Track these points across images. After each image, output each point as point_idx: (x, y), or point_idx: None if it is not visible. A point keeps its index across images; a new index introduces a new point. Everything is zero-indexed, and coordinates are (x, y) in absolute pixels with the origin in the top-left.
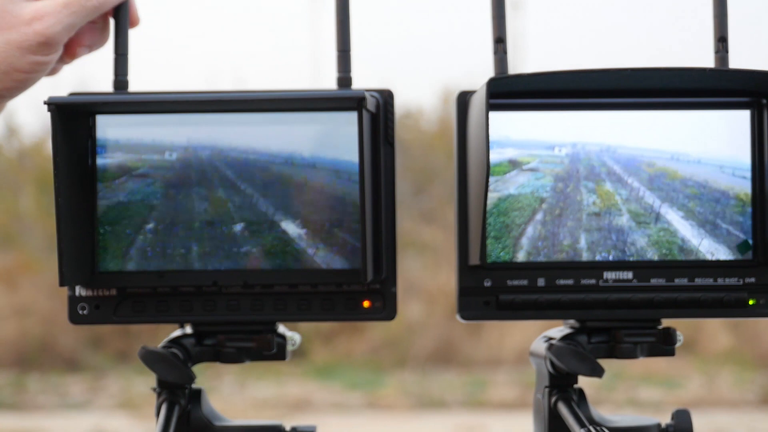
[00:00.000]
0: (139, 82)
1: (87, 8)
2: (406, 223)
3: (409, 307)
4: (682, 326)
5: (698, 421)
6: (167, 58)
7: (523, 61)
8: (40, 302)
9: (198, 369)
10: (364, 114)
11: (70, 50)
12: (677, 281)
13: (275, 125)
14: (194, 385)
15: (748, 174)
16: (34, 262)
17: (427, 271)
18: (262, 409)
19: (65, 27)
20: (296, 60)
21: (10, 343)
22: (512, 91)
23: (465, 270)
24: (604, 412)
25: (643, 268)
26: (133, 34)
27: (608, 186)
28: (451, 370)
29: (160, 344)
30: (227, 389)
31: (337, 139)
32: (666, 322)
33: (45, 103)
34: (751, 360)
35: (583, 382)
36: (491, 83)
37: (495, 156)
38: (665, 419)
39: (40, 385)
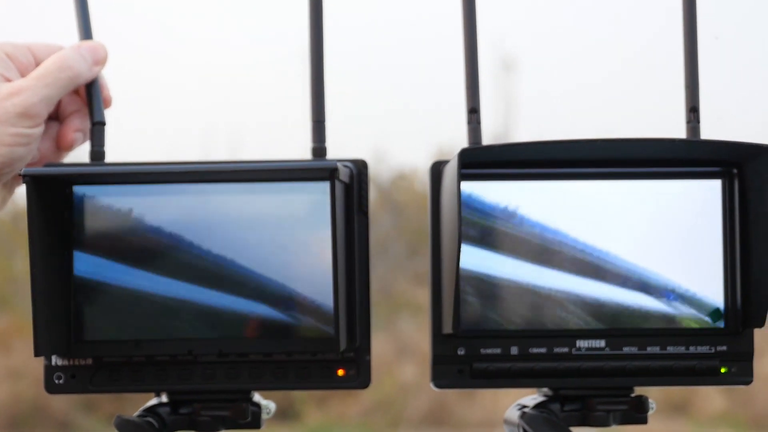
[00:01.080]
0: (133, 151)
1: (62, 79)
2: (400, 285)
3: (403, 368)
4: (677, 388)
5: None
6: (163, 127)
7: (516, 123)
8: (33, 365)
9: None
10: (337, 184)
11: (64, 138)
12: (649, 349)
13: (249, 195)
14: None
15: (720, 242)
16: (27, 324)
17: (421, 332)
18: None
19: (42, 98)
20: (291, 128)
21: (3, 406)
22: (486, 161)
23: (438, 338)
24: None
25: (615, 336)
26: (132, 101)
27: None
28: None
29: (136, 413)
30: None
31: (309, 209)
32: (639, 390)
33: (20, 174)
34: (746, 422)
35: None
36: (463, 154)
37: None
38: None
39: None
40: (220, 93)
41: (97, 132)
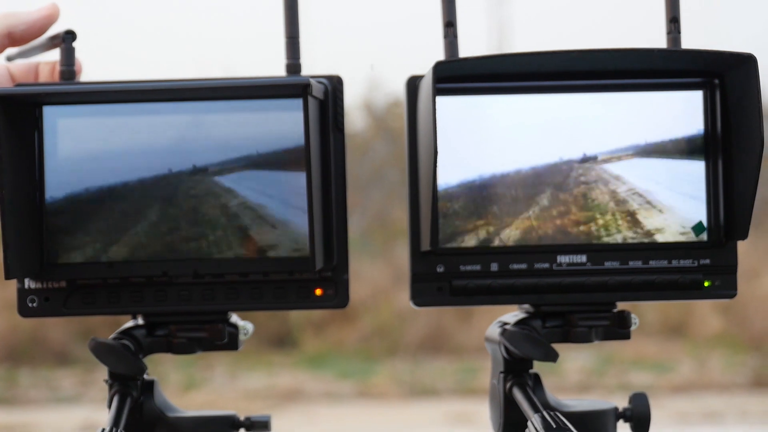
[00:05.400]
0: (129, 70)
1: None
2: (395, 212)
3: (399, 295)
4: (673, 309)
5: (689, 404)
6: (157, 46)
7: (511, 50)
8: None
9: (189, 360)
10: (310, 100)
11: None
12: (631, 264)
13: (224, 113)
14: (147, 376)
15: (702, 155)
16: None
17: None
18: (254, 399)
19: None
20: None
21: (1, 338)
22: (461, 75)
23: (417, 256)
24: (591, 397)
25: (596, 251)
26: (124, 23)
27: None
28: (442, 358)
29: (111, 336)
30: (218, 380)
31: (285, 126)
32: (621, 305)
33: None
34: (742, 343)
35: (573, 367)
36: (438, 67)
37: None
38: (623, 403)
39: (31, 380)
40: (210, 14)
41: (66, 52)
